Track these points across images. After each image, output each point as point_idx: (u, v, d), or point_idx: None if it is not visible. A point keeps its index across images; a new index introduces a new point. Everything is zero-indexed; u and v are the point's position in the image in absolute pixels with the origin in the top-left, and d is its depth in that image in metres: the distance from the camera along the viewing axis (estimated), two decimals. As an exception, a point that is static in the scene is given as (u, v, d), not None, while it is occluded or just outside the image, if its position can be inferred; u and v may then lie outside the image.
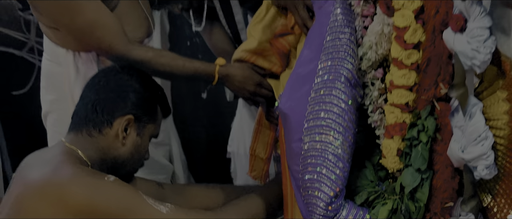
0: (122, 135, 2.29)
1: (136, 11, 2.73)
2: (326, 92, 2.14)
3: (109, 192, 2.13)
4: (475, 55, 1.78)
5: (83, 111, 2.32)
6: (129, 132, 2.31)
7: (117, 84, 2.35)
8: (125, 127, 2.30)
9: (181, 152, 3.32)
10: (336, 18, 2.22)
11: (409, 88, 2.01)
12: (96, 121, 2.29)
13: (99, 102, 2.30)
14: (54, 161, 2.20)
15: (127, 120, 2.29)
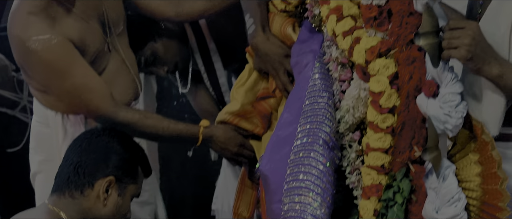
0: (103, 196, 2.27)
1: (123, 74, 2.73)
2: (305, 154, 2.15)
3: None
4: (448, 119, 1.80)
5: (66, 173, 2.31)
6: (110, 193, 2.29)
7: (99, 146, 2.34)
8: (106, 188, 2.28)
9: (164, 211, 3.31)
10: (315, 83, 2.25)
11: (385, 151, 2.02)
12: (78, 183, 2.27)
13: (80, 164, 2.29)
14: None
15: (108, 181, 2.27)
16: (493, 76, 1.85)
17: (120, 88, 2.69)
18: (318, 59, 2.30)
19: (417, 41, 1.85)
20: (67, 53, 2.49)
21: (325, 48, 2.30)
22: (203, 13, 2.75)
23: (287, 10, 2.47)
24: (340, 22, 2.15)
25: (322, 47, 2.32)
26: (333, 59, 2.25)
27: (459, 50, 1.79)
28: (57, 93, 2.59)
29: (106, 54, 2.67)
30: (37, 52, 2.46)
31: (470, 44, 1.79)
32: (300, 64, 2.35)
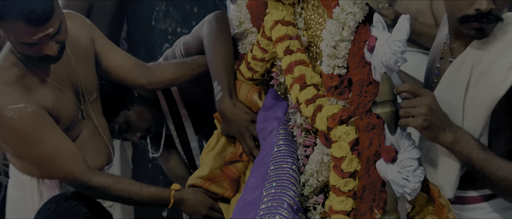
0: None
1: (96, 141, 2.73)
2: (270, 218, 2.13)
3: None
4: (406, 183, 1.82)
5: None
6: None
7: (66, 209, 2.34)
8: None
9: None
10: (280, 149, 2.26)
11: (347, 213, 2.02)
12: None
13: None
14: None
15: None
16: (447, 143, 1.88)
17: (93, 153, 2.69)
18: (283, 126, 2.32)
19: (375, 110, 1.87)
20: (42, 121, 2.48)
21: (289, 114, 2.32)
22: (174, 80, 2.75)
23: (254, 78, 2.50)
24: (303, 91, 2.17)
25: (287, 113, 2.34)
26: (298, 125, 2.27)
27: (416, 119, 1.82)
28: (32, 159, 2.58)
29: (80, 121, 2.66)
30: (13, 121, 2.45)
31: (427, 113, 1.82)
32: (266, 130, 2.36)
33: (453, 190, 1.97)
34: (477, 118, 1.92)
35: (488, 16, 1.88)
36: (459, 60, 1.98)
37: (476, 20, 1.89)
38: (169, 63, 2.80)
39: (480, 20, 1.89)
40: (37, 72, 2.50)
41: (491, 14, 1.88)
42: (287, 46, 2.26)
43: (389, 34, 1.86)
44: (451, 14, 1.97)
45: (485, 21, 1.89)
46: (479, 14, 1.87)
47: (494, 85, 1.88)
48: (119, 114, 2.86)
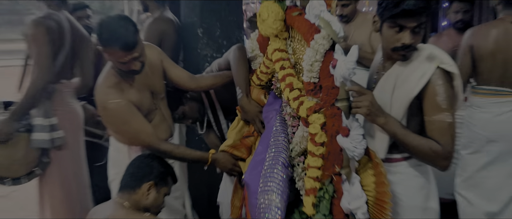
0: (146, 194, 2.27)
1: (163, 123, 2.72)
2: (271, 171, 2.14)
3: None
4: (355, 150, 1.83)
5: (126, 180, 2.31)
6: (150, 192, 2.28)
7: (145, 163, 2.33)
8: (148, 189, 2.27)
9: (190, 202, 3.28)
10: (276, 128, 2.26)
11: (318, 168, 2.02)
12: (132, 185, 2.27)
13: (134, 174, 2.30)
14: (109, 211, 2.24)
15: (149, 185, 2.27)
16: (381, 124, 1.89)
17: (161, 130, 2.68)
18: (279, 114, 2.31)
19: (336, 104, 1.89)
20: (130, 110, 2.48)
21: (283, 107, 2.31)
22: (211, 86, 2.74)
23: (261, 84, 2.49)
24: (291, 92, 2.17)
25: (281, 107, 2.33)
26: (288, 114, 2.27)
27: (361, 109, 1.84)
28: (124, 134, 2.59)
29: (153, 110, 2.66)
30: (113, 110, 2.46)
31: (368, 105, 1.84)
32: (268, 117, 2.36)
33: (384, 153, 1.98)
34: (399, 108, 1.93)
35: (409, 47, 1.88)
36: (389, 73, 2.00)
37: (402, 50, 1.89)
38: (208, 75, 2.78)
39: (404, 50, 1.89)
40: (127, 80, 2.50)
41: (411, 46, 1.88)
42: (282, 65, 2.25)
43: (345, 57, 1.86)
44: (386, 45, 1.97)
45: (407, 50, 1.90)
46: (404, 46, 1.88)
47: (410, 89, 1.89)
48: (178, 108, 2.84)
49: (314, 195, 2.03)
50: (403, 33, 1.87)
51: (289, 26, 2.24)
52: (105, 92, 2.45)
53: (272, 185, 2.12)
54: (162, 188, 2.31)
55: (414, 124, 1.96)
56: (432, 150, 1.87)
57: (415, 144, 1.88)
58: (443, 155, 1.87)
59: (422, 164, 2.01)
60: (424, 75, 1.88)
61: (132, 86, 2.52)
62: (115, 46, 2.30)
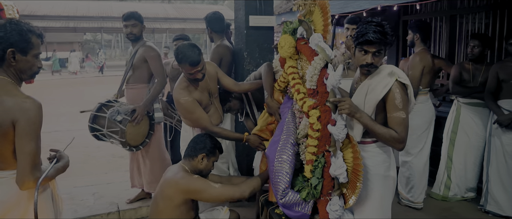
0: (200, 161, 2.25)
1: (216, 113, 2.73)
2: (284, 147, 2.16)
3: (198, 182, 2.11)
4: (340, 135, 1.85)
5: (188, 151, 2.30)
6: (204, 160, 2.25)
7: (200, 139, 2.32)
8: (201, 158, 2.24)
9: (233, 166, 3.27)
10: (289, 118, 2.27)
11: (315, 146, 2.04)
12: (191, 154, 2.27)
13: (193, 147, 2.29)
14: (176, 171, 2.24)
15: (202, 155, 2.24)
16: (357, 118, 1.90)
17: (214, 118, 2.69)
18: (290, 110, 2.31)
19: (327, 103, 1.91)
20: (195, 105, 2.51)
21: (293, 105, 2.31)
22: (249, 89, 2.75)
23: (280, 89, 2.48)
24: (298, 95, 2.18)
25: (292, 105, 2.32)
26: (296, 109, 2.28)
27: (344, 110, 1.85)
28: (190, 119, 2.62)
29: (209, 105, 2.68)
30: (184, 105, 2.51)
31: (349, 107, 1.85)
32: (283, 112, 2.36)
33: (359, 137, 1.99)
34: (370, 107, 1.94)
35: (371, 65, 1.89)
36: (363, 84, 2.00)
37: (366, 67, 1.90)
38: (247, 82, 2.79)
39: (368, 67, 1.90)
40: (193, 85, 2.56)
41: (372, 65, 1.89)
42: (293, 76, 2.25)
43: (334, 72, 1.88)
44: (357, 64, 1.98)
45: (370, 67, 1.91)
46: (367, 64, 1.89)
47: (376, 94, 1.90)
48: (226, 103, 2.86)
49: (312, 164, 2.05)
50: (367, 55, 1.89)
51: (298, 51, 2.25)
52: (179, 92, 2.53)
53: (284, 157, 2.14)
54: (211, 157, 2.29)
55: (380, 118, 1.96)
56: (392, 136, 1.87)
57: (380, 132, 1.89)
58: (399, 140, 1.87)
59: (385, 146, 2.01)
60: (386, 85, 1.88)
61: (196, 89, 2.58)
62: (185, 63, 2.39)
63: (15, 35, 1.54)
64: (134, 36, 3.23)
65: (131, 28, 3.19)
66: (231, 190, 2.14)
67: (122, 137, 3.04)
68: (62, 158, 1.74)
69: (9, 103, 1.49)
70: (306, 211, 2.07)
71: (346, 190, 1.95)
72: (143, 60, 3.22)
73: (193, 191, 2.08)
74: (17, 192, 1.53)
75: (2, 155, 1.54)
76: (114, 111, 3.04)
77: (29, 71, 1.62)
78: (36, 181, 1.50)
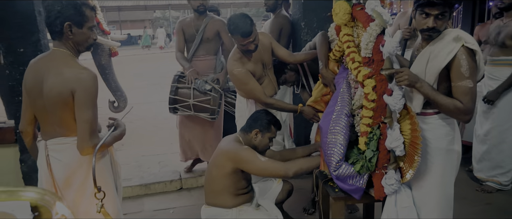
0: (254, 136, 2.22)
1: (270, 84, 2.72)
2: (338, 118, 2.08)
3: (245, 152, 2.09)
4: (396, 105, 1.76)
5: (245, 125, 2.29)
6: (258, 135, 2.22)
7: (256, 115, 2.29)
8: (255, 133, 2.22)
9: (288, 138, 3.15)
10: (344, 89, 2.18)
11: (370, 117, 1.95)
12: (247, 129, 2.25)
13: (249, 122, 2.28)
14: (230, 140, 2.24)
15: (256, 131, 2.21)
16: (417, 87, 1.79)
17: (269, 89, 2.69)
18: (346, 80, 2.22)
19: (382, 72, 1.81)
20: (248, 75, 2.52)
21: (348, 74, 2.22)
22: (304, 60, 2.69)
23: (335, 59, 2.39)
24: (353, 64, 2.08)
25: (348, 74, 2.23)
26: (351, 79, 2.18)
27: (403, 81, 1.74)
28: (244, 90, 2.64)
29: (263, 76, 2.67)
30: (237, 75, 2.53)
31: (408, 78, 1.73)
32: (338, 82, 2.27)
33: (419, 109, 1.88)
34: (431, 76, 1.80)
35: (432, 29, 1.73)
36: (424, 51, 1.85)
37: (427, 31, 1.75)
38: (302, 53, 2.72)
39: (429, 31, 1.75)
40: (246, 56, 2.56)
41: (434, 29, 1.73)
42: (348, 45, 2.16)
43: (391, 39, 1.77)
44: (417, 27, 1.84)
45: (431, 32, 1.75)
46: (429, 28, 1.73)
47: (439, 62, 1.76)
48: (281, 75, 2.83)
49: (366, 136, 1.98)
50: (428, 18, 1.74)
51: (354, 17, 2.13)
52: (232, 63, 2.55)
53: (338, 128, 2.07)
54: (266, 133, 2.25)
55: (443, 88, 1.81)
56: (456, 107, 1.73)
57: (443, 102, 1.75)
58: (465, 111, 1.73)
59: (448, 118, 1.86)
60: (451, 51, 1.72)
61: (249, 60, 2.57)
62: (237, 34, 2.38)
63: (71, 9, 1.62)
64: (204, 7, 3.31)
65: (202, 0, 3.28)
66: (276, 166, 2.08)
67: (214, 105, 3.19)
68: (119, 127, 1.83)
69: (68, 74, 1.59)
70: (361, 185, 2.00)
71: (403, 164, 1.85)
72: (215, 32, 3.32)
73: (239, 160, 2.08)
74: (79, 156, 1.65)
75: (64, 122, 1.66)
76: (202, 82, 3.21)
77: (86, 43, 1.71)
78: (94, 147, 1.61)
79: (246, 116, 2.69)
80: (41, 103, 1.67)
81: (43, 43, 2.89)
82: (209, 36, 3.33)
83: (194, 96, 3.19)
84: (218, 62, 3.47)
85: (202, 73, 3.35)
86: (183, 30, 3.42)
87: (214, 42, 3.37)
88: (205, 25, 3.31)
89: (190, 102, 3.19)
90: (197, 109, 3.23)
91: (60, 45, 1.67)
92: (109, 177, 1.80)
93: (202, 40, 3.34)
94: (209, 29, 3.31)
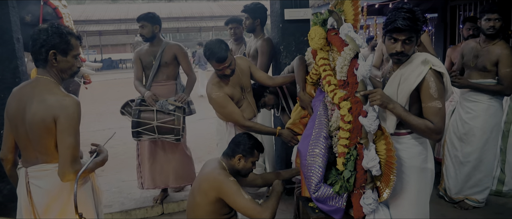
0: (237, 162, 2.20)
1: (249, 108, 2.74)
2: (316, 142, 2.13)
3: (229, 183, 2.05)
4: (371, 126, 1.81)
5: (227, 150, 2.27)
6: (241, 161, 2.20)
7: (239, 140, 2.26)
8: (239, 159, 2.20)
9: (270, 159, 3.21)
10: (320, 112, 2.24)
11: (347, 138, 2.01)
12: (229, 154, 2.23)
13: (231, 147, 2.25)
14: (214, 166, 2.20)
15: (239, 156, 2.19)
16: (390, 108, 1.85)
17: (247, 113, 2.71)
18: (322, 103, 2.28)
19: (356, 94, 1.87)
20: (226, 100, 2.55)
21: (326, 97, 2.28)
22: (282, 83, 2.74)
23: (312, 82, 2.46)
24: (329, 86, 2.15)
25: (324, 97, 2.29)
26: (328, 101, 2.24)
27: (376, 101, 1.80)
28: (223, 114, 2.65)
29: (242, 100, 2.70)
30: (216, 99, 2.56)
31: (380, 98, 1.80)
32: (316, 105, 2.34)
33: (393, 129, 1.94)
34: (403, 98, 1.88)
35: (401, 54, 1.83)
36: (395, 74, 1.94)
37: (396, 56, 1.84)
38: (281, 76, 2.78)
39: (397, 55, 1.84)
40: (224, 80, 2.59)
41: (402, 53, 1.83)
42: (324, 68, 2.23)
43: (364, 62, 1.84)
44: (387, 52, 1.93)
45: (400, 56, 1.85)
46: (397, 53, 1.83)
47: (409, 84, 1.84)
48: (260, 99, 2.86)
49: (344, 157, 2.02)
50: (396, 43, 1.83)
51: (329, 42, 2.22)
52: (210, 87, 2.58)
53: (317, 151, 2.12)
54: (249, 158, 2.23)
55: (414, 109, 1.89)
56: (427, 127, 1.80)
57: (414, 123, 1.82)
58: (436, 130, 1.80)
59: (420, 137, 1.93)
60: (420, 74, 1.81)
61: (227, 84, 2.60)
62: (212, 60, 2.44)
63: (56, 38, 1.66)
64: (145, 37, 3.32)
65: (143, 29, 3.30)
66: (256, 209, 2.03)
67: (178, 125, 3.11)
68: (102, 152, 1.84)
69: (51, 100, 1.62)
70: (340, 205, 2.04)
71: (380, 183, 1.90)
72: (173, 56, 3.31)
73: (223, 192, 2.06)
74: (60, 183, 1.65)
75: (46, 149, 1.67)
76: (164, 102, 3.15)
77: (69, 70, 1.74)
78: (76, 174, 1.61)
79: (226, 138, 2.73)
80: (23, 130, 1.68)
81: (21, 70, 2.88)
82: (167, 60, 3.30)
83: (158, 118, 3.12)
84: (178, 86, 3.44)
85: (162, 98, 3.30)
86: (140, 58, 3.40)
87: (173, 67, 3.36)
88: (162, 50, 3.30)
89: (154, 124, 3.10)
90: (161, 131, 3.14)
91: (44, 72, 1.70)
92: (91, 204, 1.80)
93: (160, 65, 3.31)
94: (166, 53, 3.30)
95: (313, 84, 2.48)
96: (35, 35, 1.66)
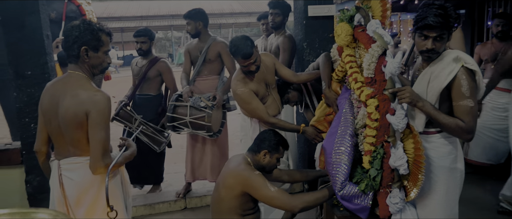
0: (263, 157, 2.18)
1: (274, 104, 2.75)
2: (342, 139, 2.12)
3: (255, 177, 2.06)
4: (399, 124, 1.79)
5: (252, 145, 2.26)
6: (266, 156, 2.18)
7: (264, 136, 2.25)
8: (264, 154, 2.18)
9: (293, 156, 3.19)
10: (346, 109, 2.22)
11: (373, 136, 1.99)
12: (255, 149, 2.21)
13: (257, 143, 2.23)
14: (239, 161, 2.21)
15: (265, 152, 2.18)
16: (419, 107, 1.82)
17: (272, 109, 2.71)
18: (348, 100, 2.27)
19: (385, 92, 1.85)
20: (251, 95, 2.56)
21: (351, 94, 2.27)
22: (307, 80, 2.73)
23: (338, 79, 2.45)
24: (356, 84, 2.13)
25: (350, 94, 2.28)
26: (354, 99, 2.23)
27: (405, 99, 1.77)
28: (247, 110, 2.65)
29: (267, 96, 2.70)
30: (240, 95, 2.57)
31: (410, 96, 1.77)
32: (341, 103, 2.32)
33: (422, 128, 1.90)
34: (433, 96, 1.84)
35: (431, 51, 1.80)
36: (425, 71, 1.90)
37: (426, 53, 1.81)
38: (306, 73, 2.77)
39: (428, 53, 1.81)
40: (249, 76, 2.60)
41: (433, 50, 1.79)
42: (350, 65, 2.21)
43: (392, 59, 1.82)
44: (417, 49, 1.89)
45: (430, 53, 1.81)
46: (427, 50, 1.79)
47: (440, 82, 1.81)
48: (284, 95, 2.86)
49: (370, 155, 2.00)
50: (427, 40, 1.80)
51: (356, 38, 2.20)
52: (235, 83, 2.59)
53: (342, 149, 2.10)
54: (274, 154, 2.23)
55: (445, 107, 1.86)
56: (458, 126, 1.77)
57: (445, 121, 1.79)
58: (467, 130, 1.76)
59: (450, 136, 1.89)
60: (452, 71, 1.77)
61: (252, 80, 2.61)
62: (238, 56, 2.45)
63: (88, 34, 1.70)
64: (190, 34, 3.44)
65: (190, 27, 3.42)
66: (283, 199, 2.03)
67: (208, 121, 3.15)
68: (130, 146, 1.88)
69: (83, 96, 1.66)
70: (366, 204, 2.02)
71: (407, 183, 1.88)
72: (217, 54, 3.39)
73: (249, 186, 2.07)
74: (91, 176, 1.70)
75: (78, 142, 1.72)
76: (197, 98, 3.20)
77: (100, 66, 1.78)
78: (107, 167, 1.66)
79: (250, 135, 2.75)
80: (56, 123, 1.73)
81: (50, 65, 2.97)
82: (211, 57, 3.39)
83: (191, 113, 3.18)
84: (220, 82, 3.51)
85: (204, 92, 3.39)
86: (189, 52, 3.51)
87: (217, 63, 3.44)
88: (208, 47, 3.39)
89: (187, 119, 3.17)
90: (194, 126, 3.20)
91: (76, 68, 1.75)
92: (120, 197, 1.84)
93: (205, 61, 3.41)
94: (211, 50, 3.38)
95: (338, 82, 2.46)
96: (68, 32, 1.71)
